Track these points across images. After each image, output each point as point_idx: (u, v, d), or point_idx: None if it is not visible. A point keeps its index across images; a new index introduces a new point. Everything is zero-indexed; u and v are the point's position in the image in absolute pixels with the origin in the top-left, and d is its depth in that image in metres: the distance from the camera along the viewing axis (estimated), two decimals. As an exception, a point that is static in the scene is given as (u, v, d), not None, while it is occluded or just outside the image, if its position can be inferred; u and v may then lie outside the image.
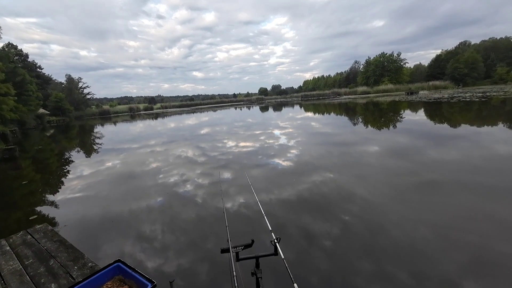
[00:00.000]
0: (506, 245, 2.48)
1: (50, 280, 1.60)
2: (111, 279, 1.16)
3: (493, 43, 60.42)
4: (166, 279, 2.07)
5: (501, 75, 52.04)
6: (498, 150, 5.82)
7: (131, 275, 1.14)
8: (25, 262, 1.81)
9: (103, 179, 6.01)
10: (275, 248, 1.25)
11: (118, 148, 10.74)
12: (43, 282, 1.59)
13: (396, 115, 15.15)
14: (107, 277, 1.15)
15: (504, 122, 9.51)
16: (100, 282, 1.10)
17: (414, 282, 2.10)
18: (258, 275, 1.21)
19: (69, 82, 50.58)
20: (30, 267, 1.75)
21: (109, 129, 22.88)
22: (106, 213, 4.02)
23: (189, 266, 2.52)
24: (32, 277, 1.64)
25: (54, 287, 1.50)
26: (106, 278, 1.15)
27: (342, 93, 55.47)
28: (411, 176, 4.56)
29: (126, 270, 1.16)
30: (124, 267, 1.18)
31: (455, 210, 3.23)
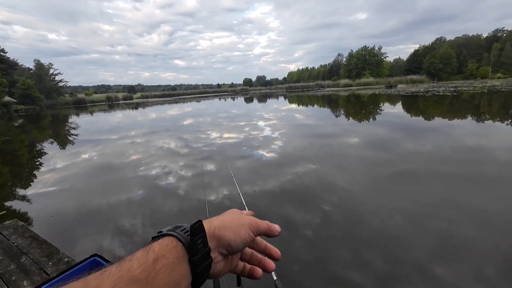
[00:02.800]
0: (471, 230, 2.71)
1: (22, 277, 1.53)
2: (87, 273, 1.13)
3: (466, 40, 63.79)
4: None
5: (472, 71, 55.47)
6: (466, 141, 6.26)
7: (109, 268, 1.12)
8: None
9: (79, 172, 5.74)
10: None
11: (95, 139, 10.24)
12: (14, 279, 1.51)
13: (375, 108, 15.72)
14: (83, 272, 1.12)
15: (472, 115, 10.21)
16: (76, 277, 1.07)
17: (389, 267, 2.25)
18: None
19: (38, 68, 46.79)
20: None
21: (85, 119, 21.68)
22: (82, 207, 3.86)
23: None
24: (2, 275, 1.55)
25: (27, 284, 1.44)
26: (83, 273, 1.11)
27: (326, 85, 56.35)
28: (388, 166, 4.80)
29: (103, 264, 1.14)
30: (101, 261, 1.15)
31: (426, 198, 3.46)
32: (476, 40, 62.51)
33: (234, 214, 0.41)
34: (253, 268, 0.43)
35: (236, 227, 0.38)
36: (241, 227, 0.38)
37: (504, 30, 59.56)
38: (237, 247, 0.37)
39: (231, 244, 0.36)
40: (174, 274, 0.29)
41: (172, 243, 0.32)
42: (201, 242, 0.33)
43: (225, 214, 0.41)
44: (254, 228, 0.40)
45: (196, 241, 0.32)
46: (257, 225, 0.40)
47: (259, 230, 0.41)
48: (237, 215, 0.41)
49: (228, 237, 0.36)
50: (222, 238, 0.36)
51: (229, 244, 0.36)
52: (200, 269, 0.32)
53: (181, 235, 0.33)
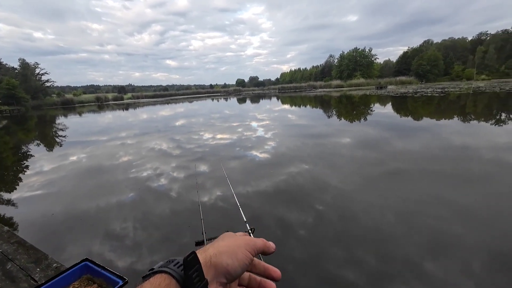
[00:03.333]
0: (459, 227, 2.79)
1: (8, 284, 1.47)
2: (78, 278, 1.10)
3: (452, 42, 65.86)
4: (139, 276, 2.02)
5: (458, 72, 57.27)
6: (453, 140, 6.45)
7: (100, 273, 1.09)
8: (-23, 267, 1.63)
9: (67, 175, 5.58)
10: None
11: (84, 140, 10.00)
12: (0, 286, 1.46)
13: (366, 108, 15.99)
14: (73, 277, 1.09)
15: (459, 115, 10.54)
16: (66, 282, 1.04)
17: (380, 264, 2.29)
18: None
19: (23, 67, 45.26)
20: (-17, 272, 1.58)
21: (73, 120, 21.13)
22: (71, 211, 3.76)
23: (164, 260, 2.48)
24: (-14, 283, 1.49)
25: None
26: (73, 278, 1.08)
27: (318, 86, 56.94)
28: (379, 165, 4.89)
29: (94, 268, 1.11)
30: (92, 266, 1.12)
31: (416, 196, 3.54)
32: (461, 43, 64.66)
33: (228, 237, 0.39)
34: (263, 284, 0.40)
35: (233, 251, 0.36)
36: (238, 249, 0.36)
37: (487, 34, 61.89)
38: (236, 273, 0.35)
39: (229, 270, 0.34)
40: None
41: (165, 281, 0.29)
42: (197, 276, 0.31)
43: (219, 239, 0.39)
44: (251, 248, 0.38)
45: (191, 276, 0.30)
46: (253, 243, 0.39)
47: (256, 248, 0.39)
48: (232, 237, 0.39)
49: (225, 264, 0.34)
50: (219, 266, 0.33)
51: (227, 271, 0.34)
52: None
53: (175, 270, 0.31)
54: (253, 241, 0.39)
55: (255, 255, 0.39)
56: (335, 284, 2.12)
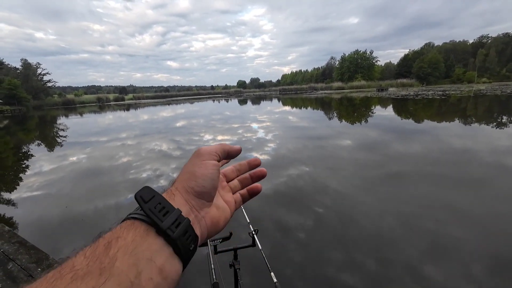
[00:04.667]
0: (459, 230, 2.78)
1: (9, 284, 1.48)
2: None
3: (453, 45, 66.00)
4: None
5: (459, 75, 57.34)
6: (454, 143, 6.45)
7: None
8: (-22, 267, 1.64)
9: (67, 175, 5.59)
10: (253, 240, 1.27)
11: (84, 141, 10.02)
12: (1, 286, 1.46)
13: (367, 110, 16.00)
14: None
15: (460, 118, 10.53)
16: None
17: (380, 268, 2.28)
18: (236, 267, 1.23)
19: (25, 67, 45.52)
20: (-16, 272, 1.59)
21: (74, 120, 21.19)
22: (70, 212, 3.76)
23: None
24: (-13, 283, 1.50)
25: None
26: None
27: (319, 88, 57.07)
28: (379, 168, 4.89)
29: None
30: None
31: (416, 200, 3.53)
32: (462, 46, 64.79)
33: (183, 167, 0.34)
34: (249, 188, 0.41)
35: (188, 173, 0.32)
36: (192, 167, 0.32)
37: (488, 37, 62.04)
38: (206, 188, 0.31)
39: (197, 189, 0.30)
40: (139, 252, 0.23)
41: (125, 224, 0.25)
42: (162, 207, 0.26)
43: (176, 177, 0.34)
44: (207, 155, 0.34)
45: (151, 208, 0.26)
46: (205, 151, 0.35)
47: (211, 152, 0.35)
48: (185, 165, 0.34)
49: (189, 188, 0.30)
50: (184, 193, 0.30)
51: (196, 191, 0.30)
52: (176, 233, 0.25)
53: (136, 213, 0.26)
54: (204, 149, 0.35)
55: (219, 159, 0.36)
56: (333, 287, 2.12)
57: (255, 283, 2.08)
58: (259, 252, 1.22)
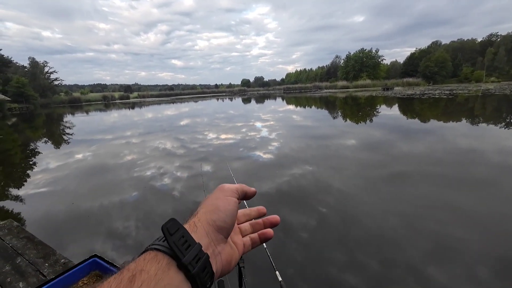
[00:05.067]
0: (462, 231, 2.75)
1: (18, 278, 1.52)
2: (87, 274, 1.13)
3: (461, 44, 64.81)
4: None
5: (466, 74, 56.33)
6: (459, 144, 6.36)
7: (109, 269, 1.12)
8: (-12, 261, 1.69)
9: (72, 172, 5.68)
10: None
11: (90, 139, 10.15)
12: (9, 281, 1.50)
13: (372, 109, 15.86)
14: (82, 273, 1.12)
15: (466, 118, 10.37)
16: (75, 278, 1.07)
17: (383, 269, 2.27)
18: (240, 265, 1.25)
19: (33, 66, 46.18)
20: (-7, 266, 1.63)
21: (80, 118, 21.47)
22: (76, 209, 3.83)
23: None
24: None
25: (23, 286, 1.43)
26: (82, 274, 1.12)
27: (323, 87, 56.68)
28: (383, 168, 4.85)
29: (103, 264, 1.14)
30: (101, 262, 1.15)
31: (420, 200, 3.50)
32: (470, 44, 63.56)
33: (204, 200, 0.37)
34: (262, 232, 0.41)
35: (213, 205, 0.34)
36: (217, 201, 0.35)
37: (498, 35, 60.71)
38: (226, 223, 0.33)
39: (219, 223, 0.32)
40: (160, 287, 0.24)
41: (149, 256, 0.27)
42: (184, 241, 0.28)
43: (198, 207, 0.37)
44: (230, 193, 0.36)
45: (176, 242, 0.27)
46: (228, 188, 0.37)
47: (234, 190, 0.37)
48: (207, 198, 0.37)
49: (212, 221, 0.32)
50: (207, 225, 0.32)
51: (218, 225, 0.32)
52: (196, 269, 0.27)
53: (159, 244, 0.28)
54: (227, 186, 0.38)
55: (238, 197, 0.38)
56: (335, 287, 2.12)
57: (259, 282, 2.09)
58: (263, 251, 1.23)
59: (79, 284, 1.05)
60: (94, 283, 1.10)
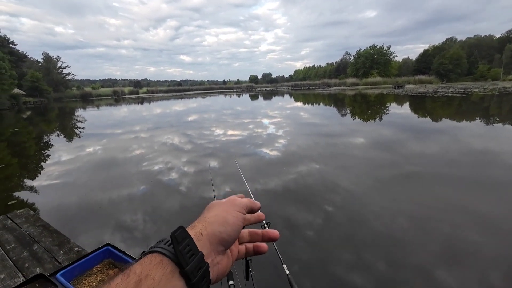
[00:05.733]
0: (475, 235, 2.68)
1: (35, 264, 1.60)
2: (100, 262, 1.18)
3: (477, 40, 62.33)
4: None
5: (482, 72, 54.25)
6: (473, 144, 6.18)
7: (121, 258, 1.17)
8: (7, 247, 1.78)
9: (83, 165, 5.85)
10: None
11: (101, 133, 10.40)
12: (27, 266, 1.58)
13: (382, 107, 15.55)
14: (96, 260, 1.17)
15: (481, 118, 10.03)
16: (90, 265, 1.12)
17: (391, 270, 2.25)
18: (247, 258, 1.27)
19: (46, 61, 47.35)
20: (12, 252, 1.72)
21: (91, 112, 21.97)
22: (87, 200, 3.95)
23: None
24: (15, 262, 1.63)
25: (40, 271, 1.50)
26: (96, 261, 1.17)
27: (332, 84, 55.86)
28: (393, 168, 4.78)
29: (116, 253, 1.19)
30: (114, 251, 1.20)
31: (431, 202, 3.44)
32: (488, 40, 61.02)
33: (214, 206, 0.38)
34: (256, 245, 0.41)
35: (222, 217, 0.35)
36: (226, 213, 0.36)
37: (517, 31, 58.00)
38: (230, 237, 0.34)
39: (224, 237, 0.33)
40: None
41: (155, 260, 0.28)
42: (189, 250, 0.29)
43: (205, 211, 0.38)
44: (239, 208, 0.38)
45: (182, 250, 0.29)
46: (239, 203, 0.39)
47: (243, 206, 0.39)
48: (217, 205, 0.38)
49: (217, 232, 0.33)
50: (212, 237, 0.33)
51: (222, 238, 0.33)
52: (196, 279, 0.28)
53: (165, 248, 0.29)
54: (238, 201, 0.39)
55: (245, 213, 0.39)
56: (341, 286, 2.12)
57: (267, 275, 2.12)
58: (270, 245, 1.24)
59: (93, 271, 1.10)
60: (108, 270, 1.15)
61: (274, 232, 0.42)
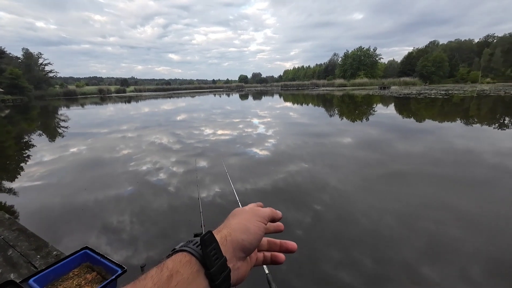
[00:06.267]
0: (458, 231, 2.78)
1: (9, 270, 1.51)
2: (78, 266, 1.13)
3: (458, 44, 65.10)
4: (135, 269, 2.05)
5: (463, 75, 56.75)
6: (455, 144, 6.44)
7: (99, 261, 1.12)
8: (-21, 252, 1.67)
9: (67, 166, 5.63)
10: None
11: (86, 132, 10.04)
12: (0, 272, 1.49)
13: (369, 108, 15.92)
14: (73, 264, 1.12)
15: (462, 119, 10.48)
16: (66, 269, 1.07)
17: (377, 267, 2.29)
18: None
19: (27, 57, 45.27)
20: (-15, 258, 1.62)
21: (75, 111, 21.19)
22: (71, 202, 3.80)
23: (161, 255, 2.51)
24: (-12, 268, 1.53)
25: (14, 277, 1.42)
26: (73, 265, 1.11)
27: (321, 84, 56.66)
28: (380, 167, 4.89)
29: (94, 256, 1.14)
30: (92, 254, 1.15)
31: (416, 199, 3.53)
32: (468, 44, 63.90)
33: (238, 214, 0.41)
34: (274, 254, 0.44)
35: (245, 226, 0.37)
36: (249, 223, 0.38)
37: (494, 36, 61.10)
38: (252, 245, 0.37)
39: (245, 244, 0.36)
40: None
41: (185, 258, 0.31)
42: (215, 254, 0.32)
43: (230, 217, 0.40)
44: (261, 218, 0.40)
45: (209, 253, 0.31)
46: (262, 213, 0.41)
47: (265, 217, 0.41)
48: (241, 213, 0.40)
49: (240, 240, 0.36)
50: (235, 243, 0.35)
51: (244, 246, 0.36)
52: (218, 281, 0.31)
53: (194, 249, 0.32)
54: (261, 211, 0.42)
55: (266, 223, 0.41)
56: (330, 285, 2.14)
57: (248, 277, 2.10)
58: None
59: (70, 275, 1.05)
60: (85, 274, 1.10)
61: (292, 244, 0.45)
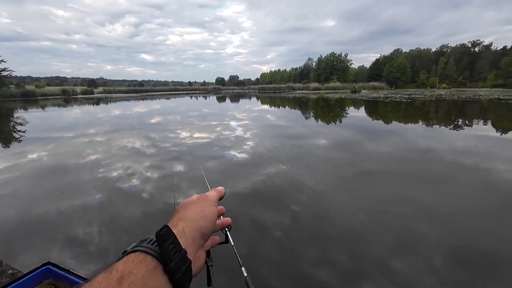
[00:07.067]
0: (424, 225, 3.00)
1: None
2: (39, 284, 1.01)
3: (418, 52, 71.28)
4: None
5: (423, 80, 62.17)
6: (418, 143, 6.99)
7: (64, 277, 1.02)
8: None
9: (25, 174, 5.10)
10: (226, 237, 1.27)
11: (47, 136, 9.20)
12: None
13: (342, 111, 16.71)
14: (33, 282, 1.00)
15: (423, 120, 11.44)
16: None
17: (352, 263, 2.39)
18: (208, 264, 1.22)
19: (-25, 53, 40.30)
20: None
21: (35, 114, 19.32)
22: (28, 214, 3.44)
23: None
24: None
25: (-42, 304, 1.24)
26: (33, 283, 0.99)
27: (297, 88, 58.17)
28: (352, 166, 5.13)
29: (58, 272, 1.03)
30: (55, 269, 1.04)
31: (385, 196, 3.77)
32: (426, 53, 70.29)
33: (188, 204, 0.39)
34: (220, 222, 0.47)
35: (202, 213, 0.37)
36: (204, 208, 0.38)
37: (448, 46, 67.92)
38: (209, 231, 0.37)
39: (204, 231, 0.35)
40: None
41: (138, 258, 0.28)
42: (173, 247, 0.30)
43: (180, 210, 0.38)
44: (213, 201, 0.41)
45: (166, 248, 0.29)
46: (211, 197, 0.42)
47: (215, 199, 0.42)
48: (192, 203, 0.39)
49: (199, 227, 0.35)
50: (194, 232, 0.34)
51: (203, 232, 0.35)
52: (179, 275, 0.29)
53: (148, 247, 0.30)
54: (210, 196, 0.42)
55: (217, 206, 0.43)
56: (309, 284, 2.19)
57: (227, 279, 2.08)
58: (232, 249, 1.22)
59: (29, 296, 0.94)
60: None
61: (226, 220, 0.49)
